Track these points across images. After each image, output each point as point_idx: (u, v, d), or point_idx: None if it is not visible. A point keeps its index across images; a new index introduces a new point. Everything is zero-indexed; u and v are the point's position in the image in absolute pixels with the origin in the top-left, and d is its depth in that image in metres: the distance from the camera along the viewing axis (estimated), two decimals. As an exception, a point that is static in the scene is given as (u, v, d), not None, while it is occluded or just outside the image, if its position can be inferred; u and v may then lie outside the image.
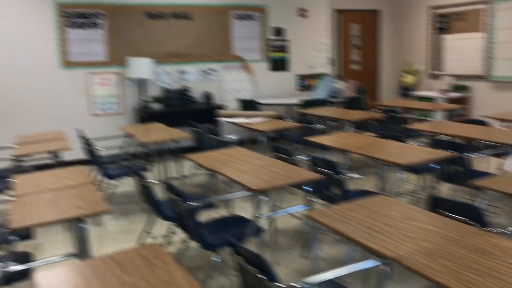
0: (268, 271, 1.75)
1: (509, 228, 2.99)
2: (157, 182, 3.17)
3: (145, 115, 6.62)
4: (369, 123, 6.08)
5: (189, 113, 7.10)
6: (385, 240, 1.95)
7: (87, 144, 4.64)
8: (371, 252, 1.91)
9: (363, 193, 3.51)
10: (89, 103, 6.64)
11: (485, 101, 7.51)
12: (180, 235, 3.61)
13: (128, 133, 5.04)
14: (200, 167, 3.45)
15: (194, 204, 2.72)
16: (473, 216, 2.24)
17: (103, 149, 5.34)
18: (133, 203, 4.95)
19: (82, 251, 2.42)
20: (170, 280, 1.63)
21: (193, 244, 3.64)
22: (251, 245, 3.62)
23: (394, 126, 5.75)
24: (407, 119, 7.21)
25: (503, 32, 7.07)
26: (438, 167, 3.85)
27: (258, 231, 2.93)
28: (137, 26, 6.79)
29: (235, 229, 3.00)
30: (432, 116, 7.54)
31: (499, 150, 4.41)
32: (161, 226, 3.91)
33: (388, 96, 9.10)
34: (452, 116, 6.95)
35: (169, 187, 2.88)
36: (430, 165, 3.75)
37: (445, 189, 4.99)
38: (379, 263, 2.00)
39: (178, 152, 4.69)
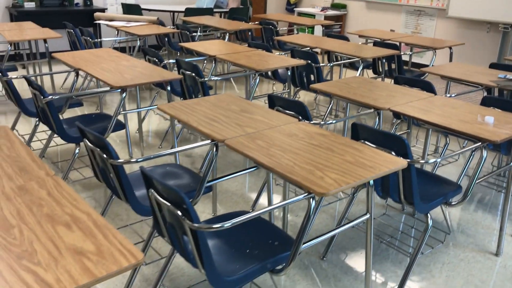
0: (110, 151, 1.98)
1: (326, 119, 3.48)
2: (20, 78, 3.18)
3: (16, 14, 6.22)
4: (248, 34, 6.32)
5: (66, 14, 6.78)
6: (218, 127, 2.26)
7: None
8: (205, 136, 2.22)
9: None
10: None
11: (358, 19, 8.06)
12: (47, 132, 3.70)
13: (-6, 31, 4.78)
14: (67, 66, 3.49)
15: (54, 97, 2.82)
16: (301, 111, 2.64)
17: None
18: (3, 104, 4.84)
19: None
20: (12, 155, 1.81)
21: (59, 140, 3.76)
22: (114, 141, 3.82)
23: (269, 38, 6.06)
24: (283, 32, 7.57)
25: (378, -46, 7.50)
26: (289, 73, 4.25)
27: (119, 126, 3.13)
28: None
29: (98, 124, 3.17)
30: (311, 31, 7.97)
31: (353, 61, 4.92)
32: (29, 124, 3.94)
33: (274, 10, 9.34)
34: (328, 31, 7.42)
35: (29, 82, 2.93)
36: (288, 73, 4.13)
37: (302, 94, 5.50)
38: (210, 143, 2.32)
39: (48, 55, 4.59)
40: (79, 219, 1.38)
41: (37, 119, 3.30)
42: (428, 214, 2.30)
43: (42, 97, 2.80)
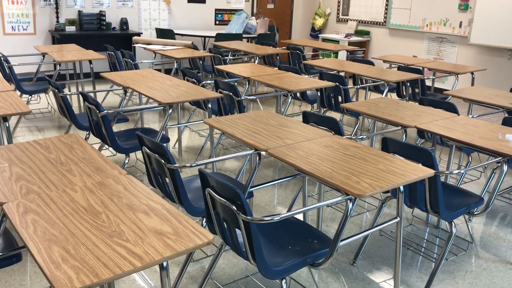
0: (167, 155, 2.24)
1: (359, 136, 3.70)
2: (74, 93, 3.49)
3: (58, 37, 6.66)
4: (275, 58, 6.63)
5: (104, 38, 7.21)
6: (261, 138, 2.51)
7: (2, 61, 4.75)
8: (249, 147, 2.47)
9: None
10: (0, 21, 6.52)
11: (382, 45, 8.33)
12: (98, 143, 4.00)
13: (44, 52, 5.17)
14: (115, 85, 3.80)
15: (109, 112, 3.11)
16: (333, 126, 2.88)
17: (18, 65, 5.42)
18: (50, 120, 5.19)
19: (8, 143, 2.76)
20: (86, 157, 2.08)
21: (107, 152, 4.05)
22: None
23: (296, 62, 6.35)
24: (308, 56, 7.86)
25: (401, -17, 7.81)
26: (318, 94, 4.50)
27: (164, 139, 3.41)
28: None
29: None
30: (335, 56, 8.26)
31: (379, 84, 5.16)
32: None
33: (299, 36, 9.69)
34: (351, 56, 7.71)
35: (85, 97, 3.24)
36: (318, 94, 4.38)
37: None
38: (253, 152, 2.57)
39: (93, 75, 4.94)
40: (155, 208, 1.63)
41: (87, 132, 3.60)
42: (452, 222, 2.49)
43: (97, 111, 3.10)
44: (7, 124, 2.75)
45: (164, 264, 1.46)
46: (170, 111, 3.32)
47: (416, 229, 3.18)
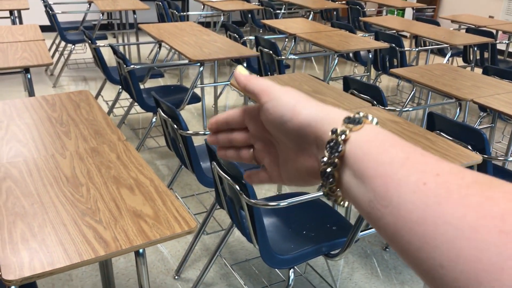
0: (180, 122, 2.05)
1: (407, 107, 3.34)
2: (106, 46, 3.35)
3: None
4: (333, 14, 6.18)
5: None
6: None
7: (47, 8, 4.69)
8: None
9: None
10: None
11: (455, 3, 7.58)
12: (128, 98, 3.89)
13: (90, 0, 5.07)
14: (150, 37, 3.63)
15: (136, 67, 2.95)
16: (376, 96, 2.55)
17: (64, 14, 5.37)
18: (93, 70, 5.15)
19: (29, 95, 2.68)
20: (90, 118, 1.93)
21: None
22: (191, 114, 3.92)
23: (355, 18, 5.89)
24: (371, 13, 7.30)
25: None
26: (370, 56, 4.10)
27: (195, 98, 3.22)
28: None
29: (176, 95, 3.28)
30: (401, 14, 7.63)
31: (440, 47, 4.66)
32: (114, 91, 4.16)
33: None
34: (418, 15, 7.07)
35: (114, 51, 3.08)
36: (369, 56, 4.00)
37: (384, 79, 5.31)
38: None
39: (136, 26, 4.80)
40: (142, 184, 1.45)
41: (120, 87, 3.48)
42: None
43: (125, 66, 2.94)
44: (29, 76, 2.65)
45: (140, 250, 1.28)
46: (202, 68, 3.10)
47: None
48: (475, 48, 4.31)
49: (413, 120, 4.28)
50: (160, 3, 5.30)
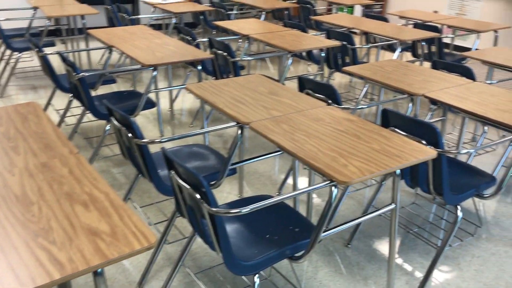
0: (135, 130, 1.99)
1: (360, 104, 3.40)
2: (54, 53, 3.23)
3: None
4: (284, 13, 6.22)
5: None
6: (244, 109, 2.23)
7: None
8: (231, 118, 2.20)
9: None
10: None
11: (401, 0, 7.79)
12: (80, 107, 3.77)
13: (35, 6, 4.87)
14: (101, 43, 3.52)
15: (86, 74, 2.85)
16: (330, 94, 2.57)
17: (9, 20, 5.15)
18: (42, 78, 4.96)
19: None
20: (39, 131, 1.84)
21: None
22: (146, 119, 3.85)
23: (306, 17, 5.94)
24: (322, 11, 7.40)
25: None
26: (322, 55, 4.15)
27: (150, 104, 3.15)
28: None
29: (129, 101, 3.20)
30: (350, 11, 7.77)
31: (389, 43, 4.76)
32: (65, 99, 4.03)
33: (313, -12, 9.13)
34: (367, 11, 7.21)
35: (63, 58, 2.97)
36: (322, 54, 4.03)
37: (337, 77, 5.39)
38: (235, 125, 2.30)
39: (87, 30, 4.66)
40: (97, 199, 1.39)
41: (71, 95, 3.36)
42: (458, 206, 2.21)
43: (74, 73, 2.84)
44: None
45: (99, 270, 1.23)
46: (155, 73, 3.04)
47: (419, 209, 2.91)
48: (423, 43, 4.44)
49: (367, 115, 4.36)
50: (110, 7, 5.17)
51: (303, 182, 3.15)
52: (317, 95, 2.63)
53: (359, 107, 2.58)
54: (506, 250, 2.55)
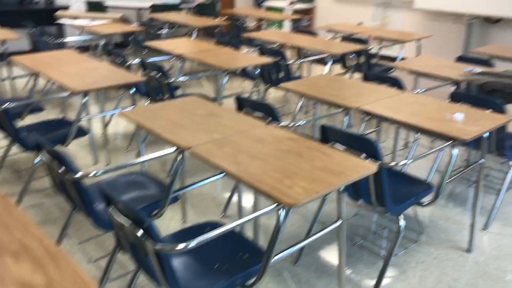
0: (67, 164, 1.87)
1: (296, 118, 3.44)
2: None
3: (-28, 14, 5.97)
4: (215, 31, 6.21)
5: (26, 13, 6.53)
6: (184, 133, 2.17)
7: None
8: (171, 143, 2.13)
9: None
10: None
11: (328, 12, 8.04)
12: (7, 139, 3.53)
13: None
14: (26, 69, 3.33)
15: (10, 105, 2.67)
16: (269, 112, 2.57)
17: None
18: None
19: None
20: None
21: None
22: (79, 146, 3.69)
23: (237, 34, 5.97)
24: (252, 27, 7.48)
25: None
26: (256, 72, 4.17)
27: (81, 132, 3.00)
28: None
29: (59, 131, 3.04)
30: (279, 26, 7.90)
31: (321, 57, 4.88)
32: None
33: (243, 4, 9.22)
34: (296, 25, 7.36)
35: (-17, 89, 2.77)
36: (256, 72, 4.05)
37: (272, 91, 5.44)
38: (175, 151, 2.23)
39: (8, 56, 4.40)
40: (29, 247, 1.28)
41: (-6, 127, 3.14)
42: (401, 216, 2.26)
43: (-4, 105, 2.65)
44: None
45: (36, 326, 1.12)
46: (85, 100, 2.90)
47: (362, 219, 2.96)
48: (352, 55, 4.57)
49: (304, 128, 4.42)
50: (32, 30, 4.93)
51: (248, 202, 3.11)
52: (256, 113, 2.62)
53: (298, 123, 2.59)
54: (446, 252, 2.64)
